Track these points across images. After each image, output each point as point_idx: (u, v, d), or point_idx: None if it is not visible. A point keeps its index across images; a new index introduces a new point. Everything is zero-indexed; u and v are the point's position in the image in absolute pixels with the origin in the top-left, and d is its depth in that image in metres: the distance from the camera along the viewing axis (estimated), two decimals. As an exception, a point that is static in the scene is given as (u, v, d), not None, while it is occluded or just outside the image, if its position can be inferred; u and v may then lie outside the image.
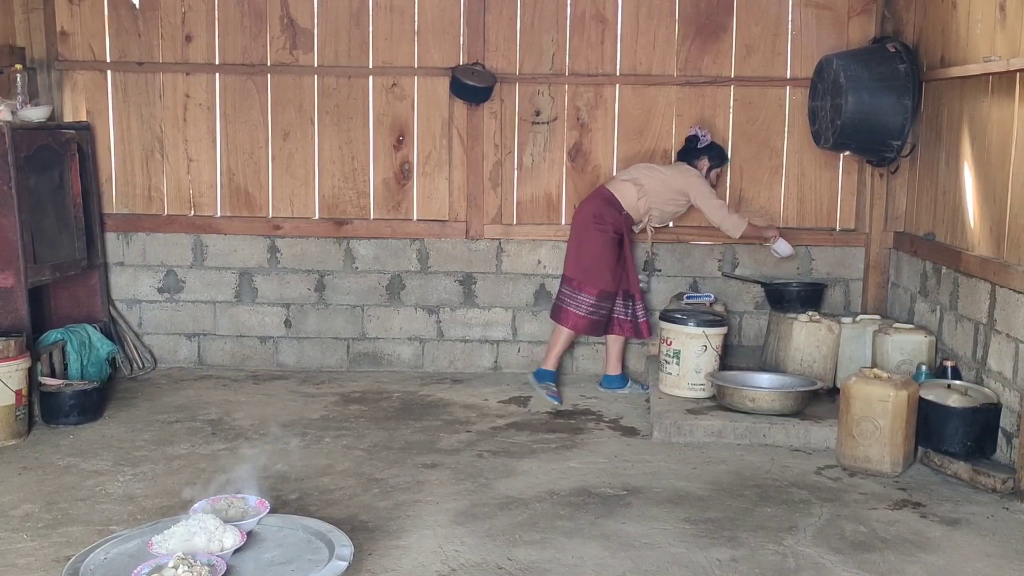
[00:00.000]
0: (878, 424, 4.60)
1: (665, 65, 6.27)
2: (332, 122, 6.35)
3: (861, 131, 5.59)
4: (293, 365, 6.48)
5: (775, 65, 6.25)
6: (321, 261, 6.41)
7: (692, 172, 5.92)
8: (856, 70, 5.55)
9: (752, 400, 5.16)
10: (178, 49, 6.30)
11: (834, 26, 6.17)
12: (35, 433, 5.12)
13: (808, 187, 6.34)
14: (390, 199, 6.40)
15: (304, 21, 6.28)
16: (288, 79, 6.33)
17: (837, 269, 6.34)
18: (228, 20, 6.28)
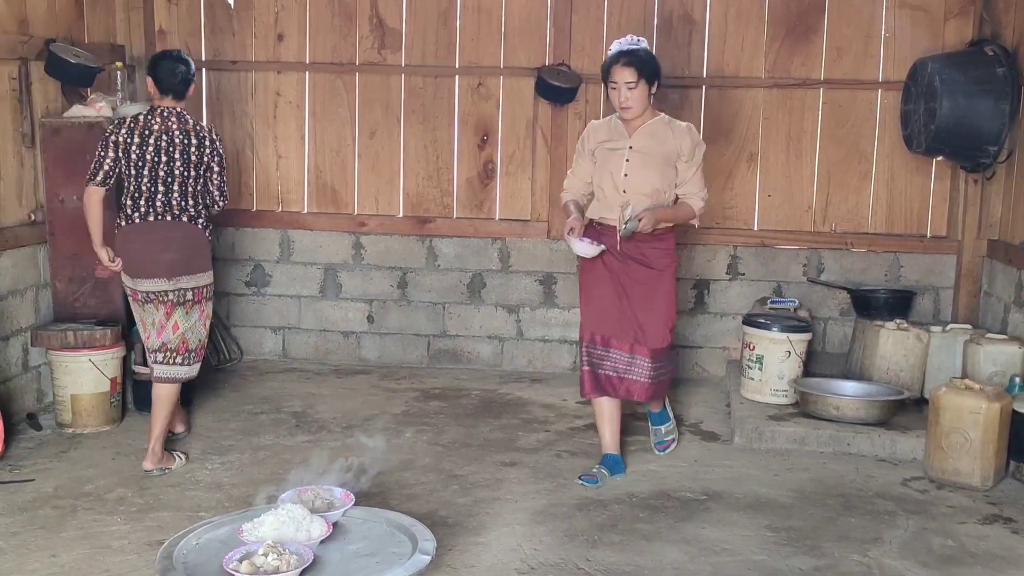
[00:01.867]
0: (968, 436, 4.49)
1: (753, 67, 6.20)
2: (418, 121, 6.42)
3: (956, 136, 5.46)
4: (374, 360, 6.57)
5: (867, 68, 6.13)
6: (404, 258, 6.48)
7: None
8: (952, 73, 5.43)
9: (836, 408, 5.08)
10: (270, 48, 6.43)
11: (929, 28, 6.03)
12: (128, 420, 5.28)
13: (898, 192, 6.21)
14: (473, 198, 6.44)
15: (393, 21, 6.36)
16: (376, 78, 6.41)
17: (927, 277, 6.20)
18: (319, 20, 6.39)
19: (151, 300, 4.56)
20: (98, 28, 5.94)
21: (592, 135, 4.62)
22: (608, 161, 4.52)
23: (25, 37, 5.15)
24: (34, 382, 5.29)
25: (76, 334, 5.03)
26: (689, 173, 4.52)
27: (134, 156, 4.52)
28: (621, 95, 4.37)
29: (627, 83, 4.34)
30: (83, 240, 5.25)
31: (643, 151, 4.47)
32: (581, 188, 4.68)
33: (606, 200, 4.53)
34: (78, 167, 5.22)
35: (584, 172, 4.65)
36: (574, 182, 4.70)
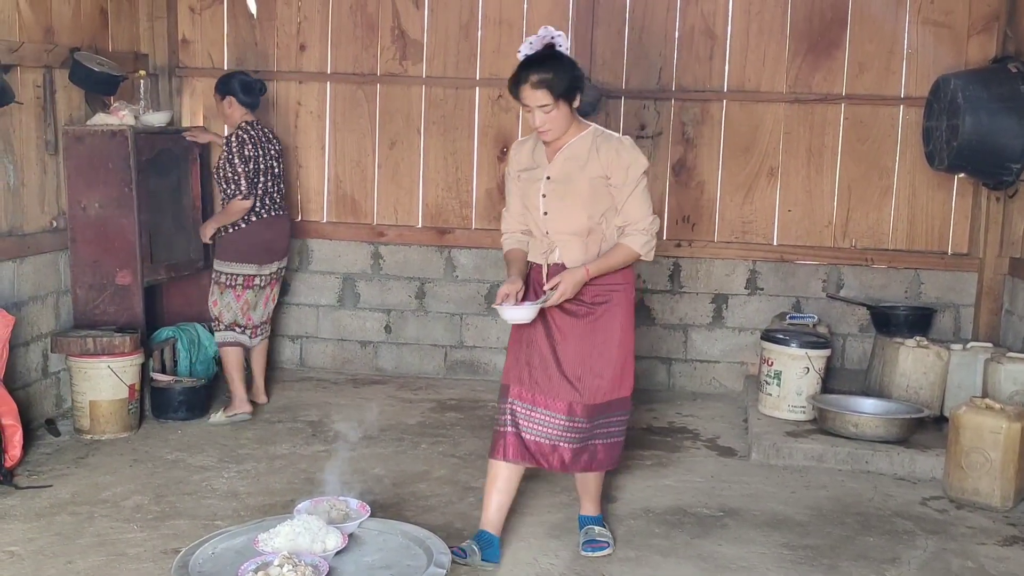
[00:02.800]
0: (989, 456, 4.45)
1: (774, 82, 6.19)
2: (438, 132, 6.43)
3: (978, 153, 5.42)
4: (391, 370, 6.57)
5: (889, 83, 6.11)
6: (422, 269, 6.49)
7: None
8: (975, 90, 5.40)
9: (855, 425, 5.05)
10: (292, 58, 6.46)
11: (952, 45, 6.00)
12: (145, 427, 5.29)
13: (919, 209, 6.18)
14: (492, 209, 6.44)
15: (415, 33, 6.38)
16: (397, 89, 6.43)
17: (947, 294, 6.15)
18: (341, 30, 6.42)
19: (271, 281, 5.62)
20: (122, 37, 5.98)
21: (514, 161, 3.86)
22: (528, 195, 3.77)
23: (50, 45, 5.20)
24: (53, 388, 5.32)
25: (95, 340, 5.06)
26: (622, 197, 3.66)
27: (263, 165, 5.39)
28: (536, 119, 3.60)
29: (541, 106, 3.56)
30: (104, 247, 5.31)
31: (562, 180, 3.69)
32: (517, 226, 3.88)
33: (534, 241, 3.83)
34: (100, 174, 5.27)
35: (516, 206, 3.86)
36: (510, 221, 3.90)
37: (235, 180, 5.31)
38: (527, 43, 3.62)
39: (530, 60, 3.57)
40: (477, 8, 6.32)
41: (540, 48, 3.61)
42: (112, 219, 5.31)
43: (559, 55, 3.60)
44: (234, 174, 5.31)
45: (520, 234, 3.88)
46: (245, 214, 5.36)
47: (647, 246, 3.70)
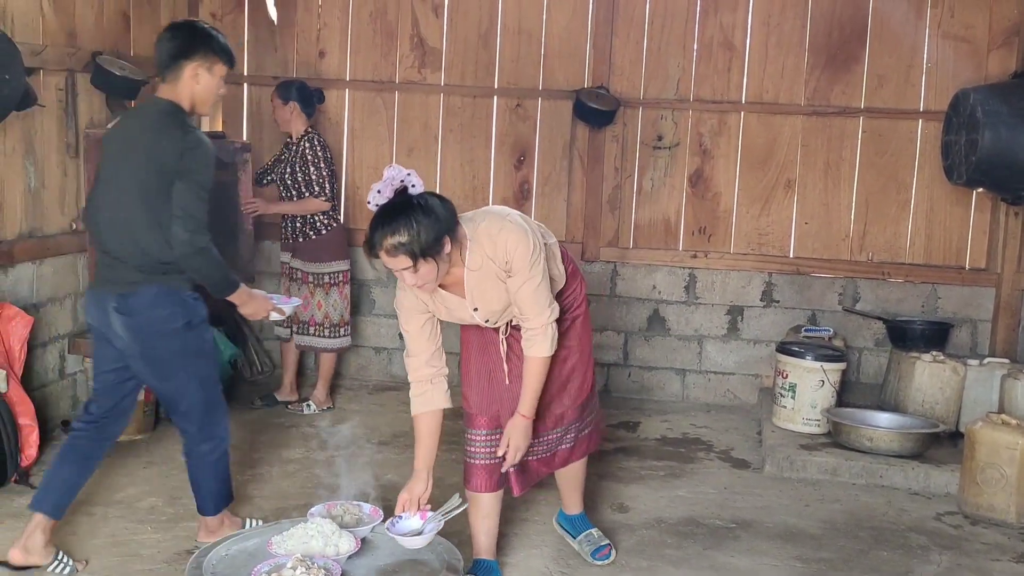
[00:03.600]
0: (1004, 472, 4.42)
1: (792, 94, 6.18)
2: (455, 140, 6.45)
3: (998, 167, 5.40)
4: (405, 377, 6.53)
5: (908, 97, 6.10)
6: (438, 276, 6.49)
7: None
8: (995, 105, 5.38)
9: (870, 439, 5.03)
10: (311, 65, 6.49)
11: (972, 59, 5.99)
12: (160, 429, 5.31)
13: (937, 223, 6.16)
14: (508, 218, 6.45)
15: (433, 41, 6.41)
16: (415, 97, 6.46)
17: (965, 309, 6.13)
18: (360, 38, 6.45)
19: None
20: (144, 41, 6.02)
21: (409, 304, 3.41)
22: (456, 320, 3.49)
23: (73, 49, 5.24)
24: (70, 389, 5.34)
25: (112, 343, 5.07)
26: (513, 290, 3.34)
27: (335, 171, 5.70)
28: (406, 279, 3.19)
29: (404, 269, 3.15)
30: (122, 250, 5.32)
31: (488, 301, 3.38)
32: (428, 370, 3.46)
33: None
34: (120, 178, 5.29)
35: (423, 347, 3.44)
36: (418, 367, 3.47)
37: (318, 182, 5.56)
38: (375, 191, 3.14)
39: (380, 217, 3.11)
40: (496, 17, 6.35)
41: (389, 195, 3.13)
42: (131, 222, 5.32)
43: (411, 205, 3.11)
44: (318, 176, 5.55)
45: (431, 383, 3.45)
46: (327, 216, 5.64)
47: (551, 344, 3.40)
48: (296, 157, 5.62)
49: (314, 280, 5.72)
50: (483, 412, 3.61)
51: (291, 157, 5.66)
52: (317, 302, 5.73)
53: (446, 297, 3.37)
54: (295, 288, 5.72)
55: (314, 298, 5.72)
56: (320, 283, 5.72)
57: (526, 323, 3.38)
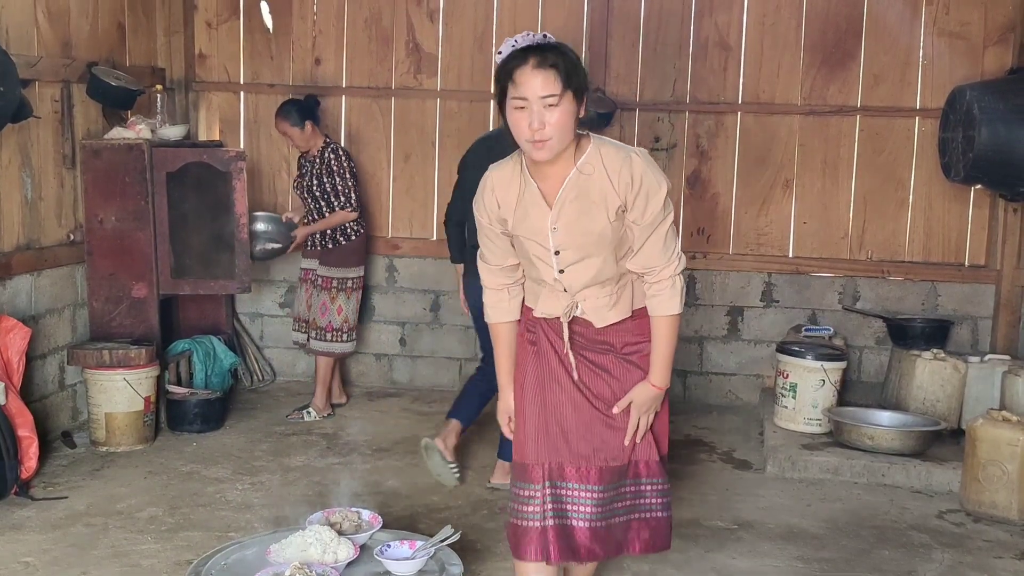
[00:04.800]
0: (1006, 469, 4.41)
1: (789, 94, 6.18)
2: (453, 145, 6.44)
3: (995, 164, 5.39)
4: (406, 383, 6.58)
5: (904, 95, 6.09)
6: (437, 281, 6.50)
7: None
8: (991, 101, 5.37)
9: (871, 438, 5.01)
10: (307, 72, 6.50)
11: (968, 56, 5.98)
12: (161, 439, 5.31)
13: (936, 220, 6.15)
14: (507, 222, 6.44)
15: (429, 46, 6.41)
16: (411, 102, 6.46)
17: (964, 306, 6.11)
18: (356, 44, 6.45)
19: None
20: (139, 51, 6.04)
21: (489, 205, 2.87)
22: (528, 247, 2.85)
23: (68, 60, 5.25)
24: (69, 400, 5.34)
25: (111, 353, 5.09)
26: (641, 236, 2.80)
27: (357, 177, 5.83)
28: (533, 118, 2.61)
29: (545, 97, 2.61)
30: (120, 260, 5.35)
31: (574, 229, 2.79)
32: (503, 279, 2.98)
33: (543, 290, 2.91)
34: (117, 188, 5.31)
35: (499, 257, 2.95)
36: (493, 274, 2.98)
37: (345, 193, 5.65)
38: (513, 39, 2.70)
39: (526, 47, 2.66)
40: (491, 22, 6.35)
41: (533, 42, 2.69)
42: (129, 232, 5.34)
43: (564, 46, 2.72)
44: (344, 187, 5.65)
45: (508, 292, 2.99)
46: (355, 222, 5.74)
47: (681, 299, 2.88)
48: (321, 169, 5.68)
49: (338, 285, 5.76)
50: (541, 461, 2.87)
51: (316, 169, 5.71)
52: (338, 307, 5.76)
53: (532, 196, 2.79)
54: (316, 294, 5.78)
55: (334, 303, 5.75)
56: (343, 287, 5.77)
57: (651, 275, 2.83)
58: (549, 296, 2.89)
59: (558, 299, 2.88)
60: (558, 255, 2.81)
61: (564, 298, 2.87)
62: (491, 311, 3.02)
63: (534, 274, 2.90)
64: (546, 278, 2.86)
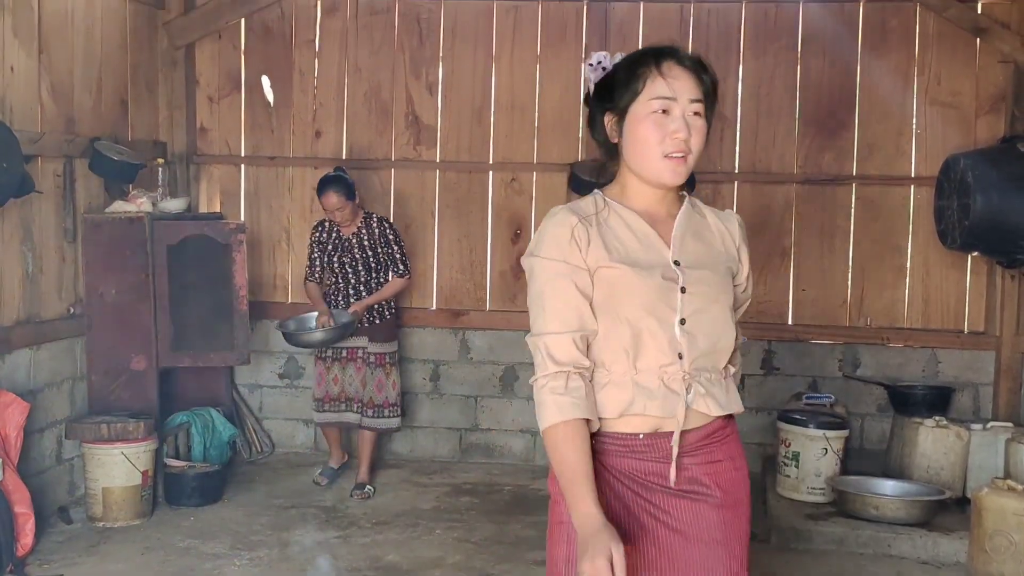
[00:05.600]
0: (1013, 539, 4.36)
1: (784, 163, 6.24)
2: (452, 215, 6.49)
3: (991, 231, 5.43)
4: (406, 454, 6.53)
5: (898, 163, 6.16)
6: (437, 351, 6.49)
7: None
8: (984, 169, 5.42)
9: (876, 508, 4.97)
10: (308, 144, 6.56)
11: (960, 125, 6.06)
12: (158, 513, 5.25)
13: (934, 288, 6.17)
14: (506, 291, 6.47)
15: (428, 118, 6.49)
16: (411, 173, 6.52)
17: (965, 373, 6.10)
18: (356, 117, 6.53)
19: None
20: (142, 125, 6.11)
21: (569, 246, 2.15)
22: (632, 295, 2.15)
23: (71, 136, 5.30)
24: (67, 475, 5.30)
25: (109, 426, 5.06)
26: (745, 292, 2.44)
27: None
28: (680, 123, 2.12)
29: (695, 101, 2.14)
30: (120, 333, 5.36)
31: (701, 267, 2.23)
32: (577, 356, 2.13)
33: (640, 375, 2.14)
34: (118, 261, 5.33)
35: (575, 319, 2.14)
36: (566, 349, 2.12)
37: (402, 260, 5.70)
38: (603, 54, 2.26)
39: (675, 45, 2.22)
40: (489, 93, 6.44)
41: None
42: (129, 305, 5.35)
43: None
44: (401, 255, 5.69)
45: (581, 377, 2.11)
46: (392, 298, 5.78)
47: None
48: (374, 240, 5.65)
49: (390, 360, 5.76)
50: None
51: (365, 242, 5.66)
52: (392, 382, 5.75)
53: (642, 229, 2.21)
54: (370, 372, 5.69)
55: (389, 379, 5.74)
56: (394, 361, 5.80)
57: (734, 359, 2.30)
58: (639, 390, 2.13)
59: (654, 384, 2.14)
60: (684, 294, 2.17)
61: (672, 380, 2.14)
62: (565, 401, 2.08)
63: (641, 342, 2.13)
64: (661, 342, 2.13)
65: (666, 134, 2.13)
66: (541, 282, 2.18)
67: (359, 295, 5.70)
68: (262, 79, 6.54)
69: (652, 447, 2.18)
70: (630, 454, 2.18)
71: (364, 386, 5.70)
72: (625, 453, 2.18)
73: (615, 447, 2.19)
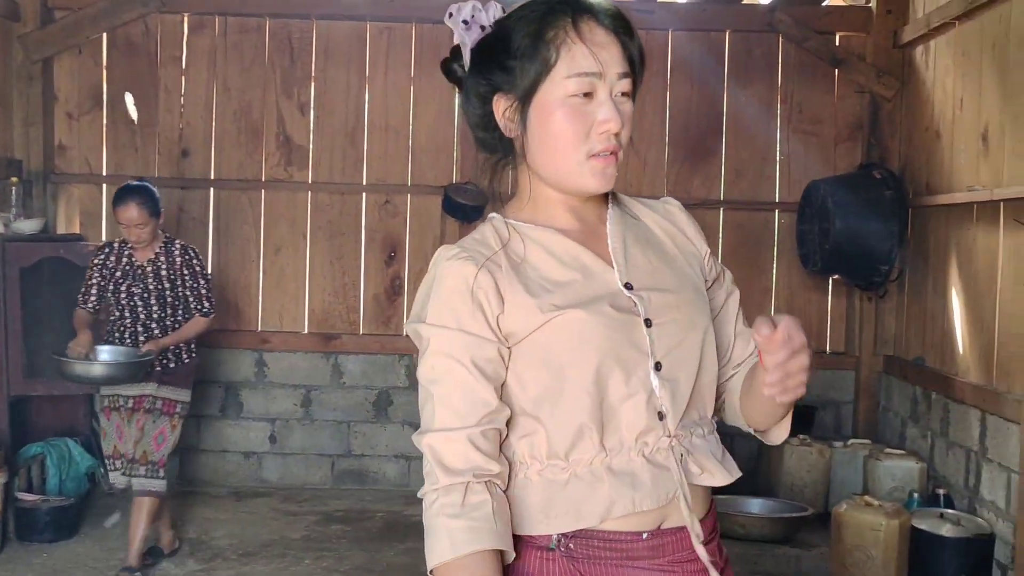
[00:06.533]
0: (871, 554, 4.50)
1: (655, 187, 6.35)
2: (324, 237, 6.39)
3: (849, 256, 5.63)
4: (276, 482, 6.36)
5: (763, 189, 6.33)
6: (308, 376, 6.36)
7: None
8: (843, 196, 5.63)
9: (742, 526, 5.06)
10: (174, 164, 6.37)
11: (821, 152, 6.27)
12: (7, 551, 4.98)
13: (798, 309, 6.34)
14: (380, 314, 6.39)
15: (300, 139, 6.38)
16: (282, 195, 6.39)
17: (827, 392, 6.30)
18: (225, 137, 6.37)
19: None
20: (-5, 142, 5.83)
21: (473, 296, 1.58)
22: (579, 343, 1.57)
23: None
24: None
25: (-45, 460, 4.78)
26: (728, 317, 1.85)
27: None
28: (605, 114, 1.60)
29: (623, 77, 1.61)
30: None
31: (658, 285, 1.68)
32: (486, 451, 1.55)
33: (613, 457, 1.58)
34: (-35, 284, 5.05)
35: (479, 396, 1.56)
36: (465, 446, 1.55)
37: (207, 296, 4.75)
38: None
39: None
40: (363, 115, 6.37)
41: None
42: (-23, 330, 5.08)
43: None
44: (207, 289, 4.76)
45: (488, 488, 1.55)
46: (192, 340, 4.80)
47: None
48: (175, 271, 4.70)
49: (181, 410, 4.75)
50: None
51: (163, 272, 4.70)
52: (176, 436, 4.74)
53: (570, 252, 1.65)
54: (152, 421, 4.63)
55: (174, 432, 4.70)
56: (183, 414, 4.78)
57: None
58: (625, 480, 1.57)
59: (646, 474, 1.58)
60: (650, 328, 1.60)
61: (659, 448, 1.60)
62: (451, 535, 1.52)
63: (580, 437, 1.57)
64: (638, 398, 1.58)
65: (590, 126, 1.59)
66: (428, 361, 1.58)
67: (150, 333, 4.67)
68: (125, 96, 6.32)
69: (659, 549, 1.59)
70: (629, 563, 1.57)
71: (139, 440, 4.62)
72: (620, 561, 1.57)
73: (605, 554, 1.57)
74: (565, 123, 1.58)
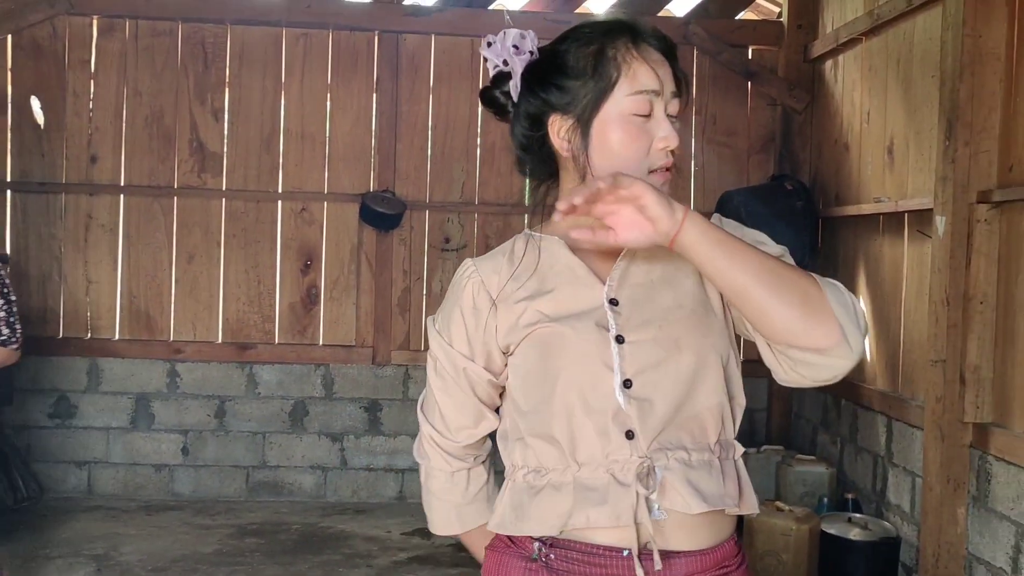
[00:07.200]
0: (781, 559, 4.57)
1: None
2: (239, 245, 6.28)
3: (761, 265, 5.72)
4: (189, 494, 6.23)
5: (678, 199, 6.25)
6: (222, 386, 6.24)
7: None
8: (756, 206, 5.72)
9: (658, 533, 5.10)
10: (82, 170, 6.21)
11: (735, 163, 6.38)
12: (-98, 571, 4.79)
13: (712, 317, 6.44)
14: (296, 324, 6.31)
15: (214, 145, 6.27)
16: (195, 202, 6.27)
17: (742, 399, 6.38)
18: (136, 142, 6.23)
19: None
20: None
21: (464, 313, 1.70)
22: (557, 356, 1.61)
23: None
24: None
25: None
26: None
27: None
28: (664, 131, 1.65)
29: (676, 95, 1.70)
30: None
31: (645, 300, 1.65)
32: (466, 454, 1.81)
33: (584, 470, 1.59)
34: None
35: (467, 395, 1.73)
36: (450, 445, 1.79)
37: (10, 324, 4.15)
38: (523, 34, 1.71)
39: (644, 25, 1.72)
40: (279, 121, 6.29)
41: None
42: None
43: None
44: (11, 316, 4.16)
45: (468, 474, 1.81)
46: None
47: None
48: None
49: None
50: None
51: None
52: None
53: (567, 262, 1.67)
54: None
55: None
56: None
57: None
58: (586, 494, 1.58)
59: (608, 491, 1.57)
60: (621, 344, 1.59)
61: (626, 470, 1.57)
62: (454, 514, 1.81)
63: (574, 423, 1.59)
64: (600, 421, 1.58)
65: (650, 143, 1.62)
66: (431, 364, 1.76)
67: None
68: (31, 100, 6.15)
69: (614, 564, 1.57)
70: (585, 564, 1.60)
71: None
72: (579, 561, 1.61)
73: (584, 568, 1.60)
74: (628, 140, 1.63)
